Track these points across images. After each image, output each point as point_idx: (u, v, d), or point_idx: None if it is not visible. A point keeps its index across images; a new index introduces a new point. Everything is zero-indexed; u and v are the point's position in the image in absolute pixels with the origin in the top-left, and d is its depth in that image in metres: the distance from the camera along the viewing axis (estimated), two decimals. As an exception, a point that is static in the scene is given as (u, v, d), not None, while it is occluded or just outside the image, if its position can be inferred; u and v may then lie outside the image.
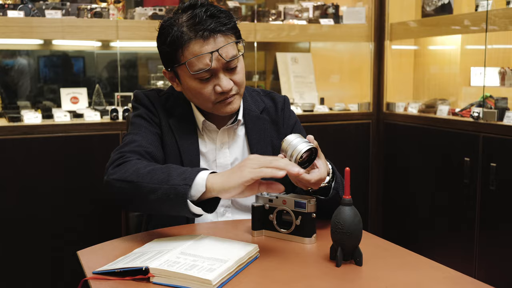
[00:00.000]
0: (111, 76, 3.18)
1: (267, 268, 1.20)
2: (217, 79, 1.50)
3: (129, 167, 1.39)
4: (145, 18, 2.73)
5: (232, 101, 1.54)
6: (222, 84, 1.49)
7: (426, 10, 2.96)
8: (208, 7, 1.49)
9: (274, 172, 1.21)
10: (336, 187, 1.45)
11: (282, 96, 1.75)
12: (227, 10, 1.54)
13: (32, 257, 2.42)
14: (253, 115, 1.67)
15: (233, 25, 1.52)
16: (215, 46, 1.46)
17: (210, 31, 1.45)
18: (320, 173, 1.32)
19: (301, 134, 1.62)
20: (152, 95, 1.64)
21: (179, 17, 1.49)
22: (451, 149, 2.65)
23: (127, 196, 1.38)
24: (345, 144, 3.06)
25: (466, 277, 1.16)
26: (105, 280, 1.14)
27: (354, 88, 3.43)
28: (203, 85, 1.50)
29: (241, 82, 1.55)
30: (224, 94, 1.51)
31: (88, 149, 2.49)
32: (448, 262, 1.29)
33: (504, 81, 2.73)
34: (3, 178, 2.35)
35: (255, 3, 3.45)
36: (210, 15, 1.47)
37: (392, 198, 3.11)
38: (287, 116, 1.72)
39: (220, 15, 1.48)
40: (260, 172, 1.22)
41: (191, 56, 1.46)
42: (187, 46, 1.46)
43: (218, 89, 1.50)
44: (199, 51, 1.46)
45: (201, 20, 1.46)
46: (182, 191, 1.27)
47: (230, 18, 1.51)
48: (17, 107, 2.76)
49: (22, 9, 2.46)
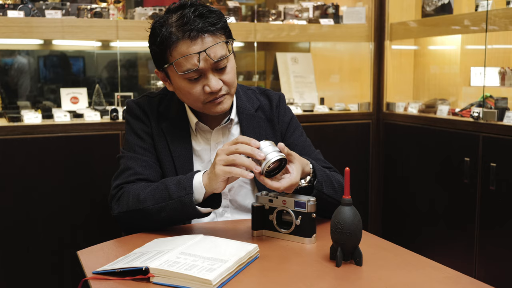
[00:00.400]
0: (111, 76, 3.18)
1: (267, 268, 1.20)
2: (206, 79, 1.49)
3: (128, 197, 1.47)
4: (145, 18, 2.73)
5: (222, 101, 1.54)
6: (210, 84, 1.49)
7: (426, 10, 2.96)
8: (197, 7, 1.48)
9: (243, 174, 1.30)
10: (318, 186, 1.45)
11: (278, 94, 1.75)
12: (217, 10, 1.53)
13: (32, 257, 2.42)
14: (248, 114, 1.67)
15: (223, 25, 1.51)
16: (202, 46, 1.45)
17: (198, 31, 1.45)
18: (291, 179, 1.34)
19: (297, 131, 1.64)
20: (143, 102, 1.65)
21: (168, 18, 1.50)
22: (451, 149, 2.65)
23: (139, 222, 1.45)
24: (345, 144, 3.06)
25: (466, 277, 1.16)
26: (105, 280, 1.14)
27: (354, 88, 3.43)
28: (192, 85, 1.50)
29: (231, 82, 1.54)
30: (213, 94, 1.51)
31: (88, 149, 2.49)
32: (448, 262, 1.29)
33: (504, 81, 2.73)
34: (3, 178, 2.35)
35: (255, 3, 3.45)
36: (198, 15, 1.46)
37: (392, 198, 3.11)
38: (282, 113, 1.71)
39: (209, 15, 1.48)
40: (229, 172, 1.31)
41: (179, 56, 1.47)
42: (175, 46, 1.47)
43: (207, 89, 1.50)
44: (186, 51, 1.46)
45: (189, 20, 1.45)
46: (188, 201, 1.38)
47: (219, 17, 1.50)
48: (17, 107, 2.76)
49: (22, 9, 2.46)
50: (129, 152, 1.60)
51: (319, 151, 1.73)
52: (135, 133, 1.62)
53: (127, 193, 1.49)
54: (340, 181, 1.56)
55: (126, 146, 1.63)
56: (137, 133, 1.62)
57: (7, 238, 2.37)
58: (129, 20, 2.73)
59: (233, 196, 1.63)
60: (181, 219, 1.45)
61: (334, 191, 1.51)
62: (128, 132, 1.64)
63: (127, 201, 1.47)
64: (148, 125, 1.62)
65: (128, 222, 1.47)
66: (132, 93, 2.94)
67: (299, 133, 1.73)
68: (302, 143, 1.70)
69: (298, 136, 1.72)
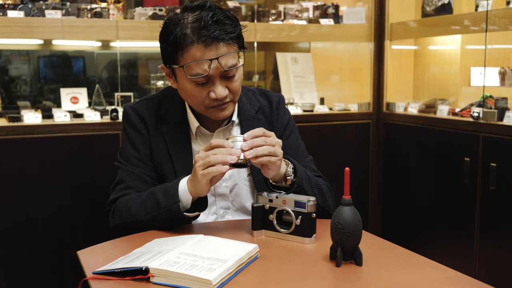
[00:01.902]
0: (111, 76, 3.18)
1: (267, 268, 1.20)
2: (212, 85, 1.49)
3: (121, 210, 1.53)
4: (145, 18, 2.73)
5: (225, 107, 1.55)
6: (217, 91, 1.49)
7: (426, 10, 2.96)
8: (215, 12, 1.47)
9: (219, 169, 1.34)
10: (299, 181, 1.48)
11: (278, 95, 1.75)
12: (234, 16, 1.52)
13: (32, 257, 2.42)
14: (249, 115, 1.67)
15: (238, 34, 1.50)
16: (216, 53, 1.45)
17: (213, 38, 1.44)
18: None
19: (293, 135, 1.66)
20: (140, 107, 1.65)
21: (184, 17, 1.48)
22: (451, 149, 2.65)
23: (136, 230, 1.49)
24: (345, 144, 3.06)
25: (466, 277, 1.16)
26: (105, 280, 1.14)
27: (354, 88, 3.43)
28: (198, 89, 1.50)
29: (237, 91, 1.55)
30: (217, 101, 1.51)
31: (88, 149, 2.49)
32: (448, 262, 1.29)
33: (504, 81, 2.73)
34: (3, 178, 2.35)
35: (255, 3, 3.45)
36: (216, 21, 1.45)
37: (392, 198, 3.11)
38: (281, 115, 1.72)
39: (226, 22, 1.47)
40: (208, 173, 1.35)
41: (190, 59, 1.46)
42: (188, 49, 1.45)
43: (212, 95, 1.50)
44: (199, 56, 1.45)
45: (206, 24, 1.44)
46: (175, 209, 1.43)
47: (235, 26, 1.49)
48: (17, 107, 2.76)
49: (22, 9, 2.46)
50: (124, 163, 1.63)
51: (311, 159, 1.72)
52: (131, 143, 1.63)
53: (119, 207, 1.54)
54: (321, 187, 1.58)
55: (122, 154, 1.65)
56: (133, 143, 1.63)
57: (7, 238, 2.37)
58: (129, 20, 2.73)
59: (235, 198, 1.64)
60: (171, 225, 1.48)
61: (312, 191, 1.54)
62: (125, 141, 1.65)
63: (121, 215, 1.53)
64: (145, 133, 1.63)
65: (126, 233, 1.50)
66: (132, 93, 2.94)
67: (295, 137, 1.73)
68: (296, 148, 1.71)
69: (294, 140, 1.72)
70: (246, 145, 1.37)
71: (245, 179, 1.64)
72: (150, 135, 1.63)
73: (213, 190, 1.62)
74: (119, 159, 1.66)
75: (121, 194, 1.58)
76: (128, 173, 1.60)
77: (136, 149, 1.62)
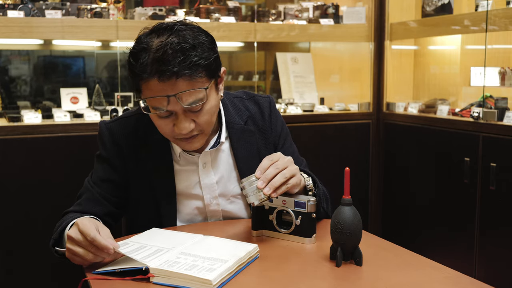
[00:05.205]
0: (111, 76, 3.18)
1: (267, 268, 1.20)
2: (176, 119, 1.38)
3: (57, 224, 1.46)
4: (145, 18, 2.73)
5: (192, 141, 1.44)
6: (179, 126, 1.38)
7: (426, 10, 2.96)
8: (184, 38, 1.33)
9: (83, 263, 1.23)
10: (319, 193, 1.46)
11: (267, 99, 1.66)
12: (207, 40, 1.38)
13: (32, 257, 2.42)
14: (237, 128, 1.58)
15: (207, 64, 1.35)
16: (173, 89, 1.32)
17: (172, 74, 1.30)
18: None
19: (287, 142, 1.63)
20: (116, 128, 1.55)
21: (150, 41, 1.36)
22: (451, 149, 2.65)
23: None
24: (345, 144, 3.06)
25: (466, 277, 1.16)
26: (105, 280, 1.15)
27: (354, 88, 3.43)
28: (163, 121, 1.40)
29: (205, 123, 1.42)
30: (183, 134, 1.40)
31: (88, 149, 2.49)
32: (448, 262, 1.29)
33: (504, 81, 2.73)
34: (3, 178, 2.35)
35: (255, 3, 3.45)
36: (180, 50, 1.31)
37: (392, 198, 3.11)
38: (274, 122, 1.65)
39: (191, 52, 1.32)
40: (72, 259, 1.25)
41: (149, 93, 1.35)
42: (147, 82, 1.34)
43: (176, 129, 1.40)
44: (157, 91, 1.33)
45: (166, 57, 1.30)
46: (51, 243, 1.39)
47: (203, 53, 1.35)
48: (17, 107, 2.76)
49: (22, 9, 2.46)
50: (89, 177, 1.57)
51: (306, 163, 1.68)
52: (100, 161, 1.57)
53: (60, 222, 1.46)
54: (325, 192, 1.57)
55: (94, 167, 1.59)
56: (101, 161, 1.56)
57: (7, 238, 2.37)
58: (129, 20, 2.73)
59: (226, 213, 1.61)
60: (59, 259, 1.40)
61: (325, 200, 1.53)
62: (96, 155, 1.59)
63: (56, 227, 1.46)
64: (115, 159, 1.54)
65: None
66: (132, 93, 2.94)
67: (289, 144, 1.68)
68: (291, 155, 1.65)
69: (288, 147, 1.67)
70: (261, 183, 1.29)
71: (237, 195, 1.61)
72: (126, 159, 1.53)
73: (204, 209, 1.58)
74: (92, 171, 1.60)
75: (73, 209, 1.51)
76: (86, 189, 1.55)
77: (103, 168, 1.55)
